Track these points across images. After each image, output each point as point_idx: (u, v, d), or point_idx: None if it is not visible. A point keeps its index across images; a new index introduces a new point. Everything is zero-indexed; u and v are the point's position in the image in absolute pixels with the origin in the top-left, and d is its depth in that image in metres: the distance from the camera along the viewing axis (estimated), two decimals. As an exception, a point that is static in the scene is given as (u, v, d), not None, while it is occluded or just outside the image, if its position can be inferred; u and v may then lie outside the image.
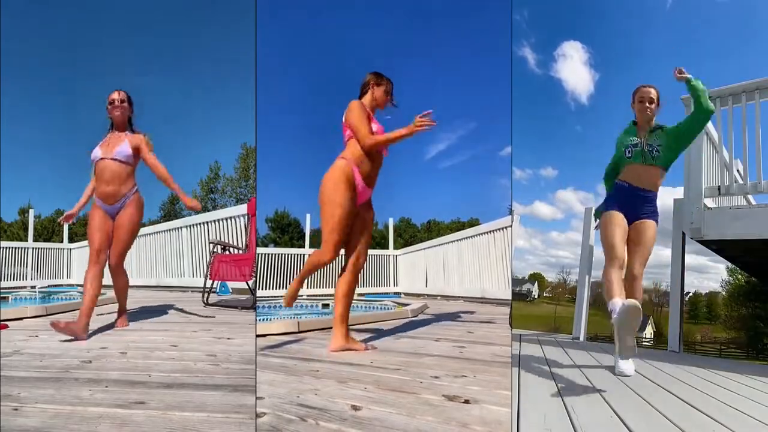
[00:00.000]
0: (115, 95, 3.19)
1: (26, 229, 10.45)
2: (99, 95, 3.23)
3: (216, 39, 46.46)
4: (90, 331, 2.93)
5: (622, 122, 2.79)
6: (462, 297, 7.17)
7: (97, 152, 3.12)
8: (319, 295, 8.07)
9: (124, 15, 45.49)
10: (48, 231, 28.80)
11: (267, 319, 4.55)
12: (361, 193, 2.62)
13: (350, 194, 2.56)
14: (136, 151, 3.16)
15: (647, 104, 2.71)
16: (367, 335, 3.08)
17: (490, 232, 6.76)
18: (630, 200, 2.65)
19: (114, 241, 3.11)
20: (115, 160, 3.09)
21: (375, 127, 2.68)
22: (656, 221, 2.65)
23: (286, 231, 31.28)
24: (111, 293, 4.77)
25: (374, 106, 2.78)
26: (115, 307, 3.47)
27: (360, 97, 2.77)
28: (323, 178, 2.60)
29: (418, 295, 8.50)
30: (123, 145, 3.10)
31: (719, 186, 3.90)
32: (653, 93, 2.73)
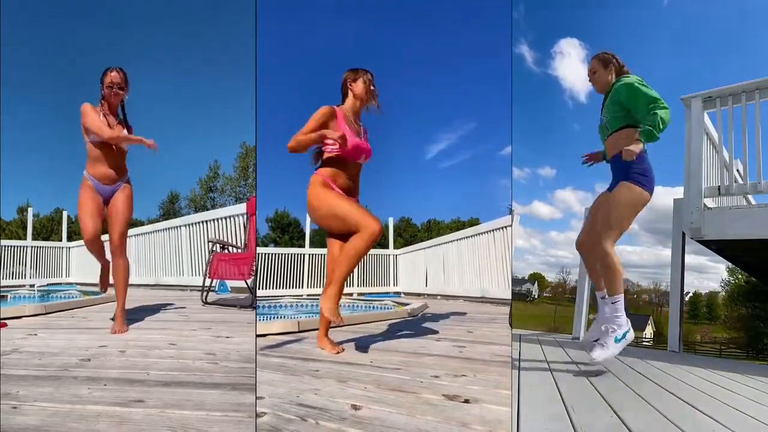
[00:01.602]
0: (115, 77, 3.10)
1: (25, 228, 10.44)
2: (99, 95, 3.20)
3: (216, 39, 46.50)
4: (89, 331, 2.94)
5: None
6: (462, 297, 7.17)
7: (104, 129, 3.08)
8: (319, 295, 8.06)
9: (124, 15, 45.50)
10: (47, 230, 28.78)
11: (267, 319, 4.55)
12: None
13: (335, 192, 2.50)
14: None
15: (589, 78, 2.64)
16: (367, 335, 3.07)
17: (489, 231, 6.76)
18: (612, 175, 2.57)
19: (114, 221, 3.11)
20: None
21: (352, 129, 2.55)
22: (630, 179, 2.40)
23: (287, 231, 31.28)
24: (110, 291, 4.77)
25: (358, 105, 2.64)
26: (115, 305, 3.44)
27: (342, 100, 2.66)
28: (307, 196, 2.52)
29: (418, 295, 8.49)
30: (125, 133, 3.15)
31: (719, 186, 3.90)
32: (590, 64, 2.64)
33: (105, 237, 3.20)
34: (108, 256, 3.31)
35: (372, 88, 2.65)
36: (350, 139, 2.51)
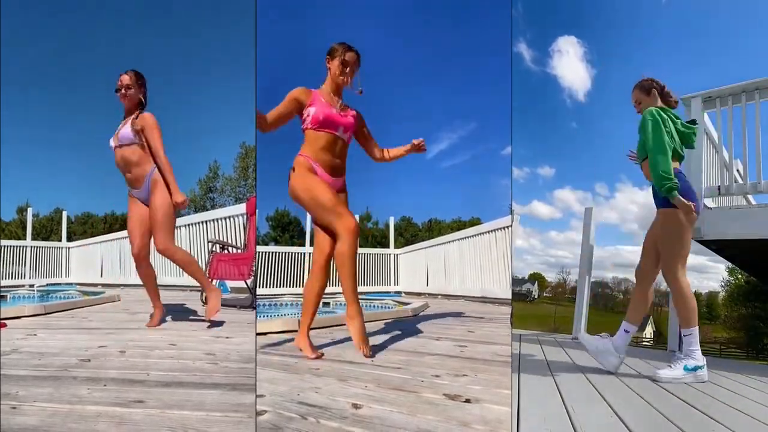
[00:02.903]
0: (123, 79, 3.10)
1: (24, 228, 10.43)
2: (99, 95, 3.23)
3: (216, 39, 46.52)
4: (89, 331, 2.94)
5: (619, 118, 2.77)
6: (463, 296, 7.17)
7: (111, 143, 3.12)
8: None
9: (124, 14, 45.49)
10: (46, 230, 28.75)
11: (268, 317, 4.55)
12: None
13: (319, 178, 2.44)
14: (141, 131, 3.08)
15: (637, 110, 2.71)
16: (368, 334, 3.07)
17: (490, 231, 6.76)
18: (654, 196, 2.60)
19: (152, 226, 3.10)
20: (122, 146, 3.09)
21: (314, 109, 2.44)
22: (668, 206, 2.47)
23: (287, 229, 31.25)
24: (110, 291, 4.78)
25: (335, 86, 2.53)
26: (116, 305, 3.45)
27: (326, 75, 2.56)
28: (290, 179, 2.46)
29: (418, 294, 8.49)
30: (125, 128, 3.08)
31: (719, 186, 3.90)
32: (633, 96, 2.72)
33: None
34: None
35: (347, 69, 2.50)
36: (323, 110, 2.45)
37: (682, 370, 2.44)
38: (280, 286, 8.87)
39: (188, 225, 7.50)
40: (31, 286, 8.14)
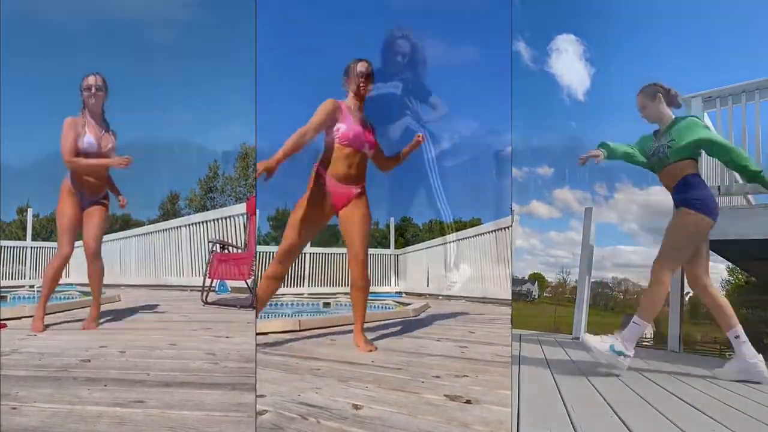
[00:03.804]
0: (91, 80, 3.08)
1: (25, 229, 10.43)
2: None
3: (216, 38, 46.56)
4: (89, 331, 2.94)
5: (618, 117, 2.77)
6: (464, 297, 7.16)
7: (92, 141, 3.08)
8: (321, 294, 8.08)
9: (124, 14, 45.53)
10: (46, 230, 28.73)
11: (268, 317, 4.55)
12: (333, 193, 2.57)
13: (312, 199, 2.55)
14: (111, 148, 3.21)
15: (641, 114, 2.72)
16: (369, 335, 3.07)
17: (490, 231, 6.76)
18: (674, 203, 2.62)
19: (90, 227, 3.14)
20: (105, 155, 3.13)
21: (344, 126, 2.56)
22: (689, 206, 2.50)
23: (287, 230, 31.18)
24: (110, 291, 4.78)
25: (358, 100, 2.65)
26: (115, 305, 3.45)
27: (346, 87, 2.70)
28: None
29: (419, 295, 8.49)
30: (112, 144, 3.15)
31: (719, 186, 3.90)
32: (637, 101, 2.71)
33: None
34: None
35: (365, 79, 2.63)
36: (352, 128, 2.57)
37: (607, 348, 2.45)
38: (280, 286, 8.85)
39: (188, 225, 7.49)
40: (31, 286, 8.13)
